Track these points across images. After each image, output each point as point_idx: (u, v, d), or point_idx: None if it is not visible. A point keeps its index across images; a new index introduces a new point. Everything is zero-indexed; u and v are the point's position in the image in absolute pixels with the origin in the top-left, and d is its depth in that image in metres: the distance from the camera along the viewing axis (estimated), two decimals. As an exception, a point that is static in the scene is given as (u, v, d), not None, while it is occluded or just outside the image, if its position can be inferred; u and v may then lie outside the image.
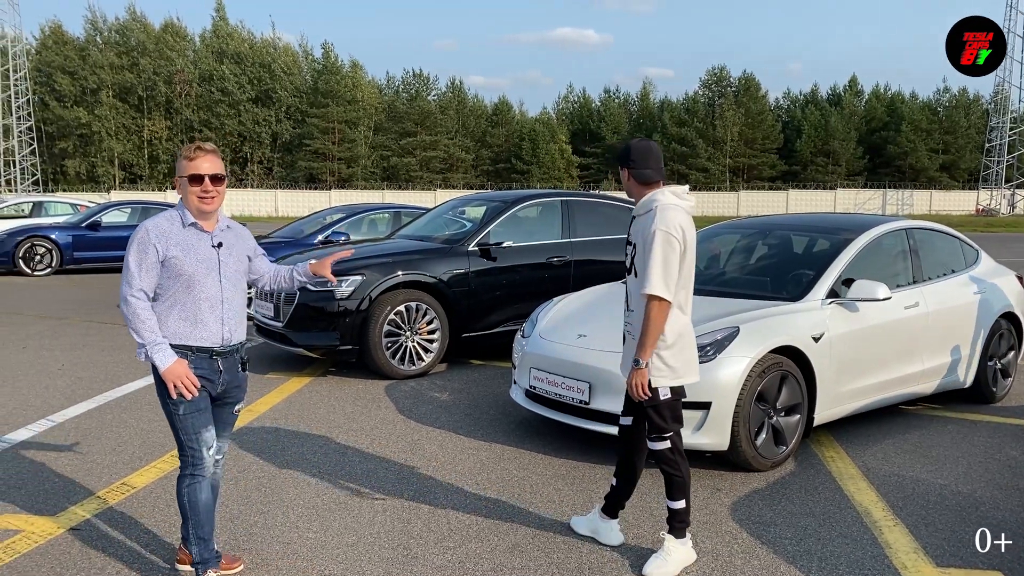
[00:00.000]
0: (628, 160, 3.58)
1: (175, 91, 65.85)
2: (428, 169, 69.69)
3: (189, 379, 3.26)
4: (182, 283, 3.27)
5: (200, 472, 3.40)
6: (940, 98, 75.40)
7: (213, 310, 3.34)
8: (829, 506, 4.44)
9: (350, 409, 6.34)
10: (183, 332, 3.29)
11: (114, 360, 8.09)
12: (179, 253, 3.25)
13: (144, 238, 3.22)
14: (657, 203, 3.50)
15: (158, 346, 3.21)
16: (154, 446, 5.39)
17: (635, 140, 3.69)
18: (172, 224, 3.29)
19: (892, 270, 6.02)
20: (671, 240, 3.42)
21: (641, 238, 3.51)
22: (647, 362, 3.44)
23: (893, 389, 5.81)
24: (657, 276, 3.40)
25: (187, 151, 3.29)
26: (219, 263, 3.38)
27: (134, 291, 3.20)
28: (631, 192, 3.65)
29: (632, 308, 3.58)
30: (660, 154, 3.64)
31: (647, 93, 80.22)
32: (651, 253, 3.41)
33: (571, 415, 5.18)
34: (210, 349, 3.35)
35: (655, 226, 3.42)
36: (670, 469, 3.60)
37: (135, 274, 3.21)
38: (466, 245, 7.74)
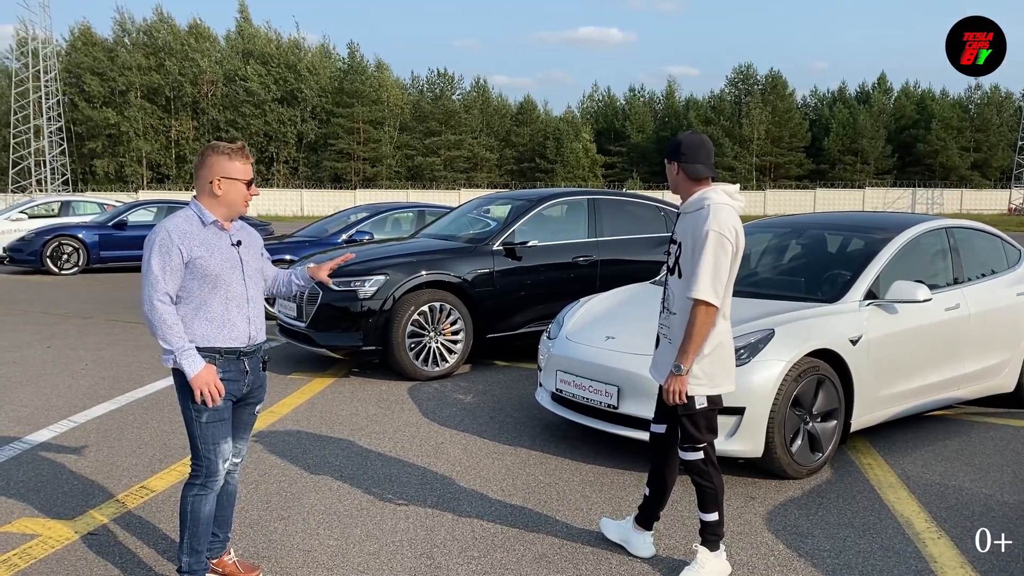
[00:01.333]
0: (678, 153, 3.40)
1: (201, 92, 66.43)
2: (452, 168, 69.73)
3: (217, 386, 3.16)
4: (207, 284, 3.16)
5: (211, 484, 3.29)
6: (971, 95, 74.33)
7: (240, 309, 3.25)
8: (869, 516, 4.26)
9: (373, 411, 6.24)
10: (210, 334, 3.18)
11: (138, 360, 8.05)
12: (204, 253, 3.15)
13: (166, 240, 3.10)
14: (709, 201, 3.33)
15: (187, 352, 3.10)
16: (175, 448, 5.31)
17: (686, 133, 3.51)
18: (191, 224, 3.18)
19: (932, 271, 5.82)
20: (724, 242, 3.25)
21: (690, 238, 3.34)
22: (687, 369, 3.27)
23: (933, 394, 5.61)
24: (706, 280, 3.23)
25: (233, 152, 3.19)
26: (241, 261, 3.29)
27: (160, 295, 3.08)
28: (679, 188, 3.46)
29: (675, 311, 3.40)
30: (712, 149, 3.47)
31: (672, 91, 79.72)
32: (701, 255, 3.24)
33: (599, 419, 5.04)
34: (237, 350, 3.25)
35: (707, 226, 3.25)
36: (702, 480, 3.44)
37: (159, 278, 3.08)
38: (491, 244, 7.61)
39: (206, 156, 3.21)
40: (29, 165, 59.39)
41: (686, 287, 3.32)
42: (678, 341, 3.34)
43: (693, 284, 3.24)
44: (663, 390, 3.34)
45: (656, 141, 74.13)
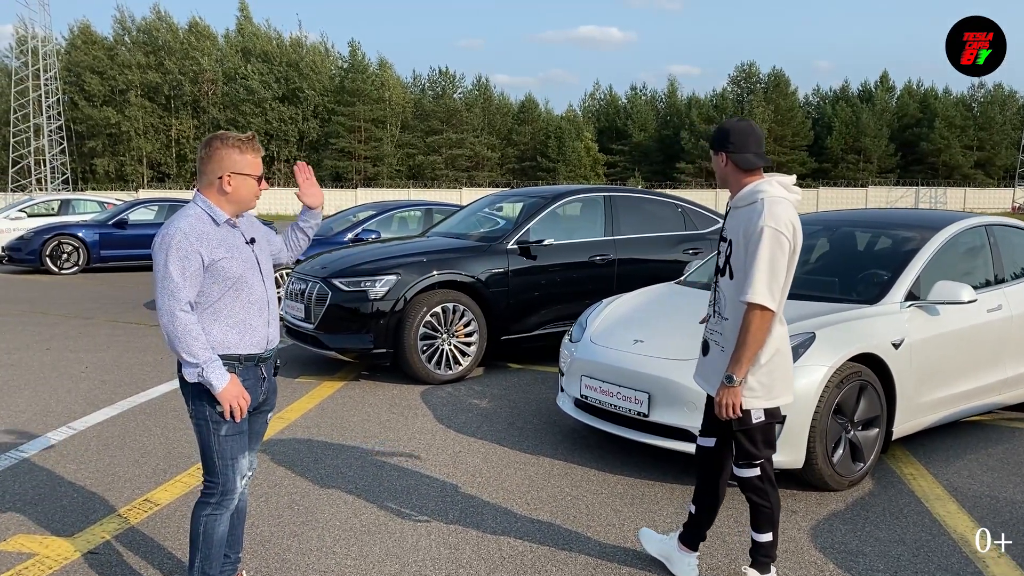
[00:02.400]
0: (726, 143, 3.12)
1: (201, 90, 66.12)
2: (454, 167, 69.39)
3: (245, 397, 2.90)
4: (229, 287, 2.90)
5: (227, 503, 3.03)
6: (975, 94, 73.89)
7: (261, 313, 2.99)
8: (920, 532, 4.00)
9: (385, 417, 5.98)
10: (231, 341, 2.92)
11: (139, 362, 7.79)
12: (225, 254, 2.89)
13: (184, 243, 2.81)
14: (763, 195, 3.05)
15: (213, 364, 2.83)
16: (179, 457, 5.05)
17: (734, 120, 3.22)
18: (204, 224, 2.90)
19: (972, 270, 5.55)
20: (780, 239, 2.97)
21: (742, 235, 3.05)
22: (741, 379, 3.00)
23: (975, 399, 5.34)
24: (762, 281, 2.94)
25: (244, 144, 2.92)
26: (257, 260, 3.04)
27: (182, 305, 2.80)
28: (728, 180, 3.17)
29: (727, 316, 3.12)
30: (762, 136, 3.20)
31: (674, 90, 79.33)
32: (756, 254, 2.95)
33: (627, 427, 4.77)
34: (257, 356, 3.00)
35: (762, 222, 2.96)
36: (758, 499, 3.17)
37: (180, 285, 2.80)
38: (505, 243, 7.34)
39: (214, 149, 2.92)
40: (29, 164, 59.05)
41: (738, 289, 3.05)
42: (731, 348, 3.07)
43: (747, 286, 2.96)
44: (715, 403, 3.05)
45: (658, 140, 73.81)
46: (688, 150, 68.90)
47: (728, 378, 2.98)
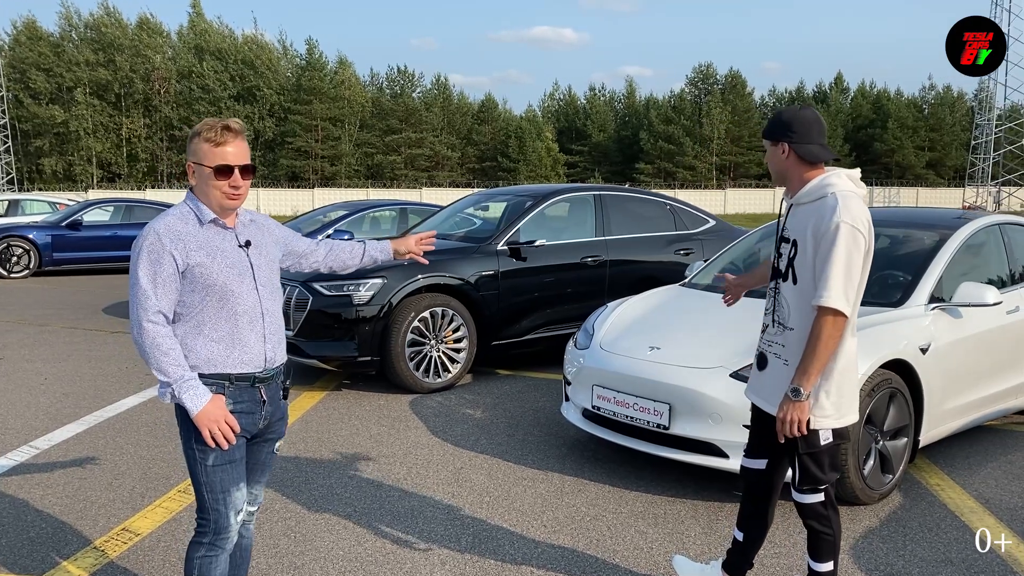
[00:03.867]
0: (788, 132, 2.80)
1: (153, 88, 64.49)
2: (413, 167, 68.73)
3: (228, 421, 2.53)
4: (212, 296, 2.52)
5: (221, 543, 2.64)
6: (926, 95, 75.49)
7: (253, 325, 2.60)
8: (964, 550, 3.76)
9: (375, 430, 5.61)
10: (217, 357, 2.55)
11: (103, 373, 7.30)
12: (204, 259, 2.51)
13: (155, 246, 2.46)
14: (832, 189, 2.75)
15: (187, 383, 2.47)
16: (157, 479, 4.63)
17: (795, 108, 2.89)
18: (186, 224, 2.53)
19: (989, 271, 5.37)
20: (857, 238, 2.66)
21: (811, 233, 2.73)
22: (808, 393, 2.70)
23: (994, 404, 5.16)
24: (838, 284, 2.64)
25: (210, 131, 2.52)
26: (251, 266, 2.64)
27: (150, 315, 2.45)
28: (789, 174, 2.85)
29: (792, 325, 2.81)
30: (826, 126, 2.92)
31: (632, 91, 79.67)
32: (832, 253, 2.65)
33: (644, 441, 4.48)
34: (251, 375, 2.61)
35: (837, 218, 2.65)
36: (819, 526, 2.88)
37: (149, 293, 2.45)
38: (494, 244, 7.01)
39: (189, 139, 2.60)
40: (-29, 163, 57.13)
41: (804, 294, 2.75)
42: (797, 362, 2.76)
43: (821, 289, 2.65)
44: (777, 420, 2.73)
45: (617, 141, 73.99)
46: (647, 151, 69.16)
47: (794, 391, 2.67)
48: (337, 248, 3.07)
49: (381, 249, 3.13)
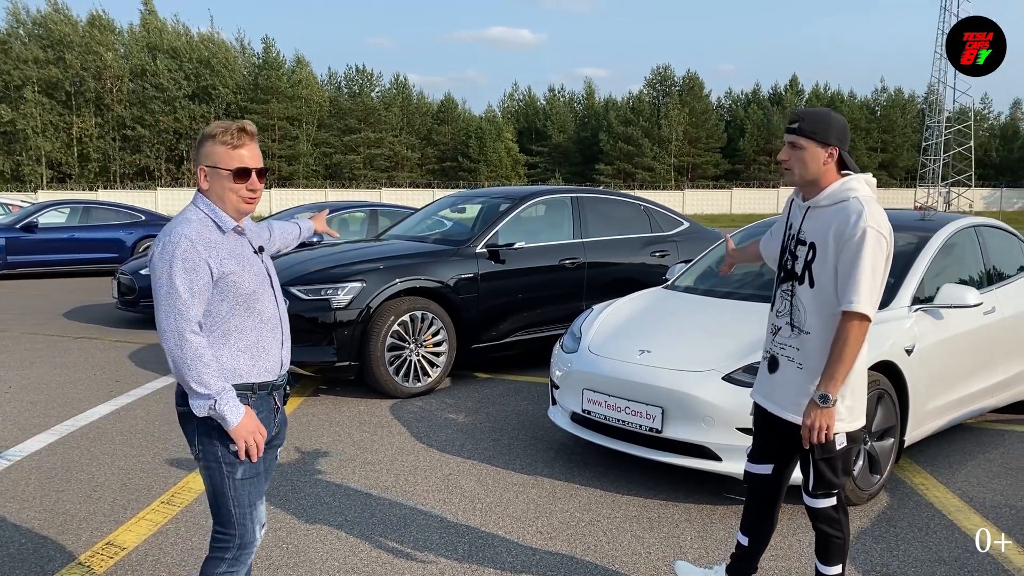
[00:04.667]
0: (841, 138, 2.78)
1: (105, 87, 63.10)
2: (373, 167, 68.21)
3: (261, 433, 2.48)
4: (241, 305, 2.46)
5: (244, 558, 2.57)
6: (878, 98, 76.96)
7: (274, 333, 2.56)
8: (956, 549, 3.81)
9: (358, 436, 5.53)
10: (243, 368, 2.48)
11: (70, 380, 7.10)
12: (235, 267, 2.45)
13: (190, 253, 2.36)
14: (855, 193, 2.74)
15: (228, 394, 2.40)
16: (137, 490, 4.51)
17: (831, 111, 2.86)
18: (211, 231, 2.46)
19: (967, 272, 5.47)
20: (882, 243, 2.67)
21: (832, 237, 2.73)
22: (836, 400, 2.70)
23: (973, 403, 5.25)
24: (866, 289, 2.64)
25: (226, 134, 2.45)
26: (268, 272, 2.60)
27: (192, 325, 2.36)
28: (817, 177, 2.80)
29: (808, 329, 2.82)
30: None
31: (591, 92, 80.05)
32: (859, 258, 2.65)
33: (636, 444, 4.47)
34: (271, 383, 2.56)
35: (863, 223, 2.65)
36: (831, 530, 2.89)
37: (189, 302, 2.35)
38: (474, 247, 6.96)
39: (197, 141, 2.52)
40: (-85, 164, 55.38)
41: (825, 298, 2.76)
42: (814, 367, 2.76)
43: (851, 294, 2.65)
44: (803, 426, 2.73)
45: (577, 142, 74.23)
46: (607, 151, 69.50)
47: (823, 398, 2.67)
48: (282, 230, 3.09)
49: (307, 228, 3.23)
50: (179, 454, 5.12)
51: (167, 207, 51.13)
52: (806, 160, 2.79)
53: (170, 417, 5.91)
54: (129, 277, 9.87)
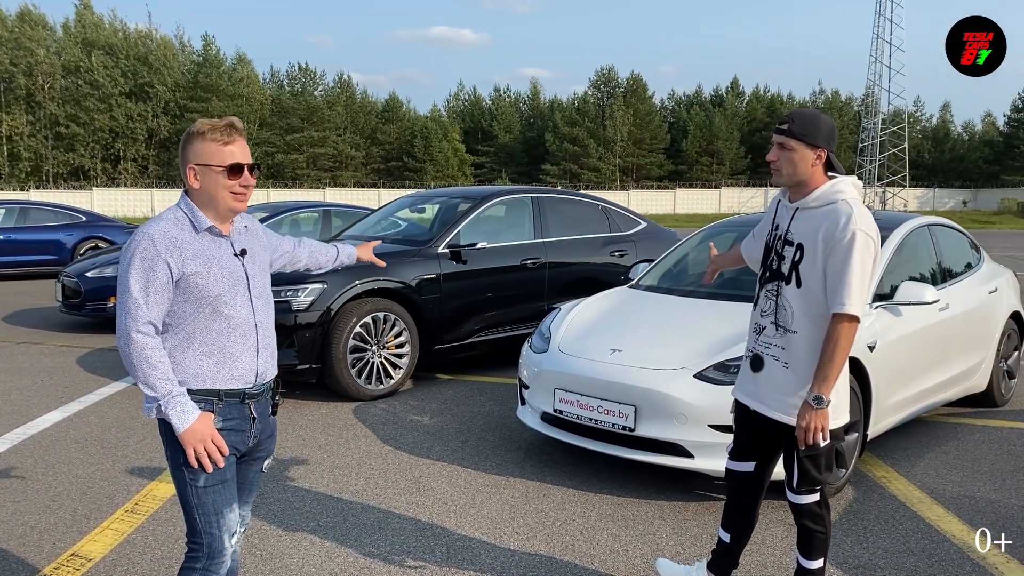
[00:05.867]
0: (830, 140, 2.82)
1: (36, 83, 61.12)
2: (316, 167, 67.41)
3: (215, 440, 2.39)
4: (205, 307, 2.40)
5: (215, 568, 2.49)
6: (816, 99, 78.73)
7: (246, 339, 2.48)
8: (923, 540, 3.92)
9: (323, 440, 5.45)
10: (207, 372, 2.41)
11: (16, 387, 6.86)
12: (200, 268, 2.38)
13: (149, 251, 2.31)
14: (843, 196, 2.78)
15: (175, 398, 2.33)
16: (99, 499, 4.37)
17: (820, 112, 2.90)
18: (181, 230, 2.39)
19: (921, 270, 5.62)
20: (871, 246, 2.71)
21: (820, 239, 2.77)
22: (829, 400, 2.73)
23: (929, 398, 5.40)
24: (856, 291, 2.68)
25: (215, 131, 2.40)
26: (247, 276, 2.51)
27: (140, 325, 2.30)
28: (805, 179, 2.83)
29: (795, 329, 2.86)
30: None
31: (537, 92, 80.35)
32: (849, 260, 2.69)
33: (609, 443, 4.49)
34: (242, 391, 2.48)
35: (852, 226, 2.69)
36: (814, 525, 2.94)
37: (140, 302, 2.30)
38: (435, 247, 6.91)
39: (183, 140, 2.45)
40: None
41: (812, 298, 2.80)
42: (800, 366, 2.80)
43: (842, 296, 2.69)
44: (798, 427, 2.76)
45: (523, 142, 74.42)
46: (553, 152, 69.84)
47: (817, 399, 2.69)
48: (316, 249, 3.06)
49: (348, 255, 3.18)
50: (139, 461, 4.98)
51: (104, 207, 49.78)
52: (795, 161, 2.82)
53: (126, 423, 5.75)
54: (74, 280, 9.58)
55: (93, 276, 9.52)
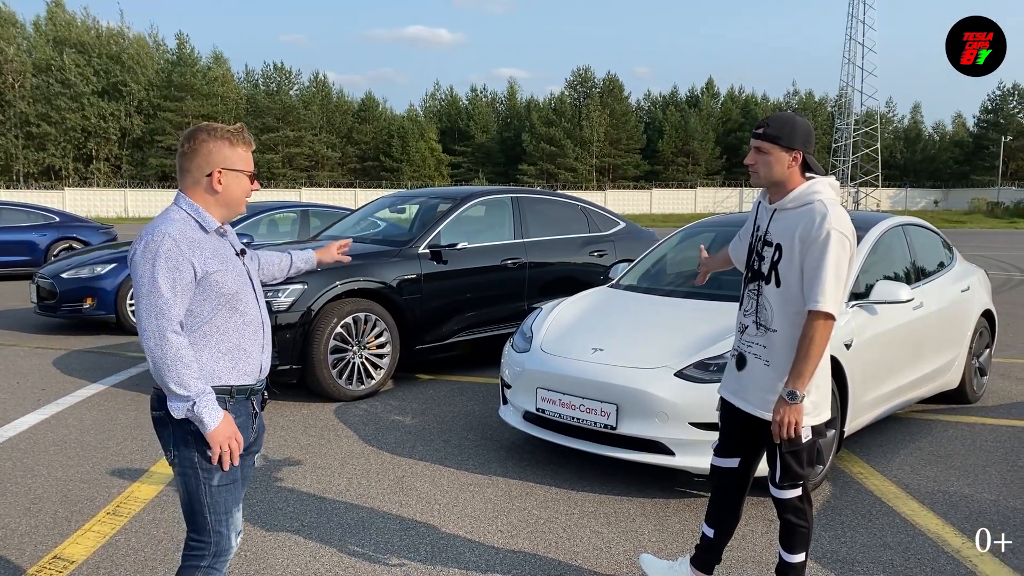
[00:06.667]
0: (806, 142, 2.87)
1: (6, 82, 60.25)
2: (292, 167, 67.00)
3: (238, 439, 2.43)
4: (223, 306, 2.42)
5: (220, 566, 2.52)
6: (790, 100, 79.43)
7: (256, 336, 2.53)
8: (899, 535, 3.99)
9: (304, 440, 5.45)
10: (222, 370, 2.44)
11: (-8, 389, 6.79)
12: (219, 266, 2.41)
13: (173, 251, 2.31)
14: (819, 196, 2.84)
15: (207, 397, 2.35)
16: (80, 502, 4.34)
17: (794, 114, 2.97)
18: (194, 230, 2.41)
19: (896, 269, 5.71)
20: (846, 244, 2.78)
21: (797, 239, 2.83)
22: (803, 396, 2.79)
23: (904, 395, 5.49)
24: (831, 288, 2.74)
25: (240, 137, 2.47)
26: (249, 275, 2.58)
27: (174, 324, 2.31)
28: (783, 180, 2.90)
29: (775, 327, 2.91)
30: None
31: (514, 92, 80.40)
32: (824, 259, 2.75)
33: (591, 442, 4.53)
34: (249, 387, 2.52)
35: (827, 225, 2.76)
36: (796, 519, 3.00)
37: (171, 301, 2.30)
38: (416, 247, 6.93)
39: (199, 142, 2.43)
40: None
41: (791, 296, 2.85)
42: (781, 364, 2.86)
43: (817, 294, 2.75)
44: (773, 422, 2.82)
45: (500, 142, 74.43)
46: (530, 152, 69.91)
47: (791, 394, 2.76)
48: (265, 260, 2.98)
49: (305, 260, 3.12)
50: (119, 463, 4.96)
51: (76, 208, 49.17)
52: (771, 164, 2.89)
53: (105, 426, 5.71)
54: (49, 281, 9.47)
55: (68, 277, 9.43)
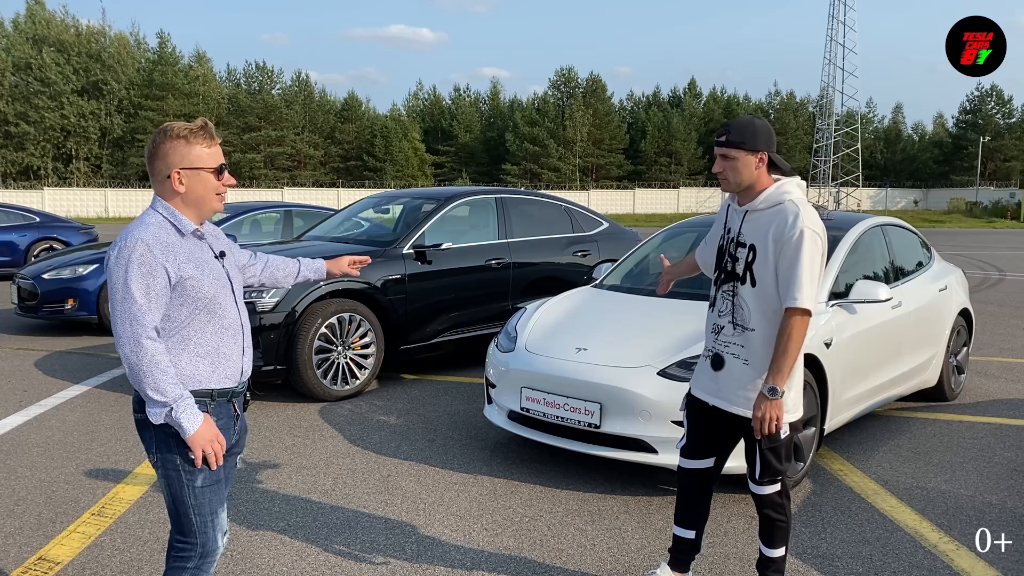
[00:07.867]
0: (768, 142, 2.93)
1: (-16, 80, 59.64)
2: (274, 166, 66.71)
3: (219, 441, 2.43)
4: (200, 310, 2.42)
5: (207, 567, 2.54)
6: (772, 100, 79.90)
7: (235, 339, 2.53)
8: (877, 530, 4.06)
9: (290, 441, 5.46)
10: (202, 374, 2.44)
11: (-27, 391, 6.75)
12: (194, 271, 2.40)
13: (146, 257, 2.31)
14: (790, 196, 2.90)
15: (185, 401, 2.35)
16: (64, 503, 4.34)
17: (756, 118, 3.01)
18: (168, 234, 2.41)
19: (875, 269, 5.79)
20: (818, 242, 2.84)
21: (771, 239, 2.88)
22: (783, 391, 2.84)
23: (882, 393, 5.57)
24: (807, 286, 2.79)
25: (199, 135, 2.43)
26: (229, 278, 2.56)
27: (148, 331, 2.31)
28: (752, 182, 2.96)
29: (752, 326, 2.95)
30: None
31: (497, 92, 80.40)
32: (798, 258, 2.80)
33: (575, 440, 4.58)
34: (230, 390, 2.53)
35: (800, 224, 2.82)
36: (775, 514, 3.05)
37: (145, 307, 2.30)
38: (400, 247, 6.94)
39: (158, 145, 2.44)
40: None
41: (766, 296, 2.90)
42: (759, 362, 2.91)
43: (794, 292, 2.80)
44: (753, 419, 2.87)
45: (483, 142, 74.40)
46: (513, 152, 69.93)
47: (771, 391, 2.81)
48: (272, 264, 2.99)
49: (315, 270, 3.10)
50: (104, 464, 4.95)
51: (56, 207, 48.77)
52: (739, 168, 2.95)
53: (89, 427, 5.70)
54: (30, 282, 9.41)
55: (49, 278, 9.37)
